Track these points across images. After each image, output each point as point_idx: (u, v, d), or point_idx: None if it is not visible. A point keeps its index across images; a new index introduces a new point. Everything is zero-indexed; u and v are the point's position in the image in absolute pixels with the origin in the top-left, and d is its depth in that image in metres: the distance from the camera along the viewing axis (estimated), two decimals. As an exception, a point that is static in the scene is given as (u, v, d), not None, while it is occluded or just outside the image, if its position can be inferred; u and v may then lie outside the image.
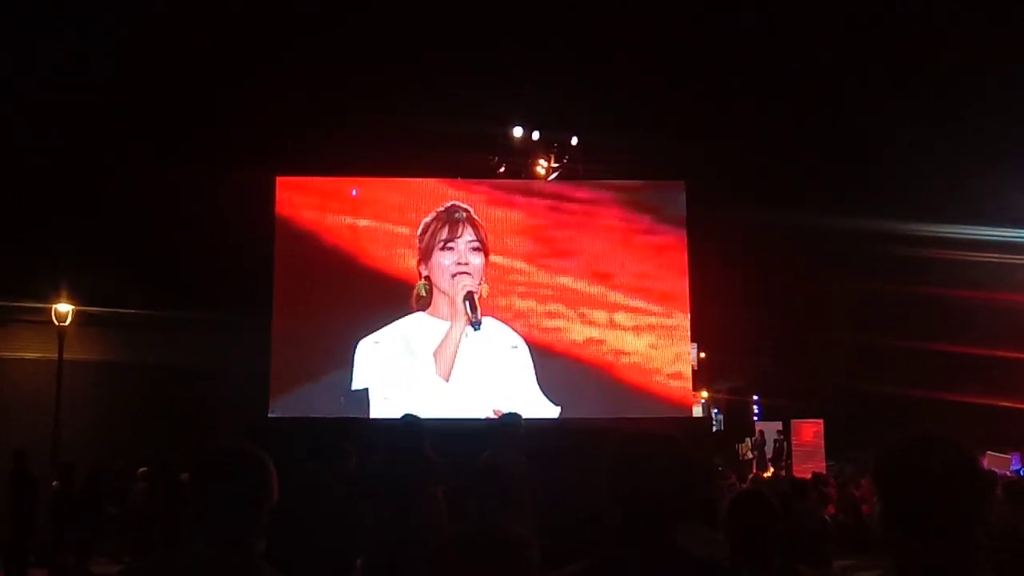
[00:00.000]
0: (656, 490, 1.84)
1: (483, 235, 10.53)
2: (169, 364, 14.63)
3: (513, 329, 10.55)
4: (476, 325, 10.14)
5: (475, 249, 10.42)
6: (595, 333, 10.71)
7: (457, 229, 10.47)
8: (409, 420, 5.80)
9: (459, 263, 10.30)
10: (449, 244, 10.40)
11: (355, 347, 10.50)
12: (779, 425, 21.71)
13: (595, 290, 10.85)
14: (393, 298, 10.71)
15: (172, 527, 10.43)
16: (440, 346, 10.31)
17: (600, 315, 10.77)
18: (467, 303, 10.12)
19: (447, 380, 10.21)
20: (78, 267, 14.03)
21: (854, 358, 21.46)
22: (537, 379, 10.44)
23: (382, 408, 10.28)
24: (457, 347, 10.27)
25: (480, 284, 10.41)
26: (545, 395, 10.43)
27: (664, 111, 17.48)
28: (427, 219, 10.59)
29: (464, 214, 10.55)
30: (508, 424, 6.19)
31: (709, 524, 3.52)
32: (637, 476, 1.85)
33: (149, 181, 15.00)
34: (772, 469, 20.07)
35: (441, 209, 10.61)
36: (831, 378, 21.21)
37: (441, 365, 10.29)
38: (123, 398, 14.52)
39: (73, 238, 14.34)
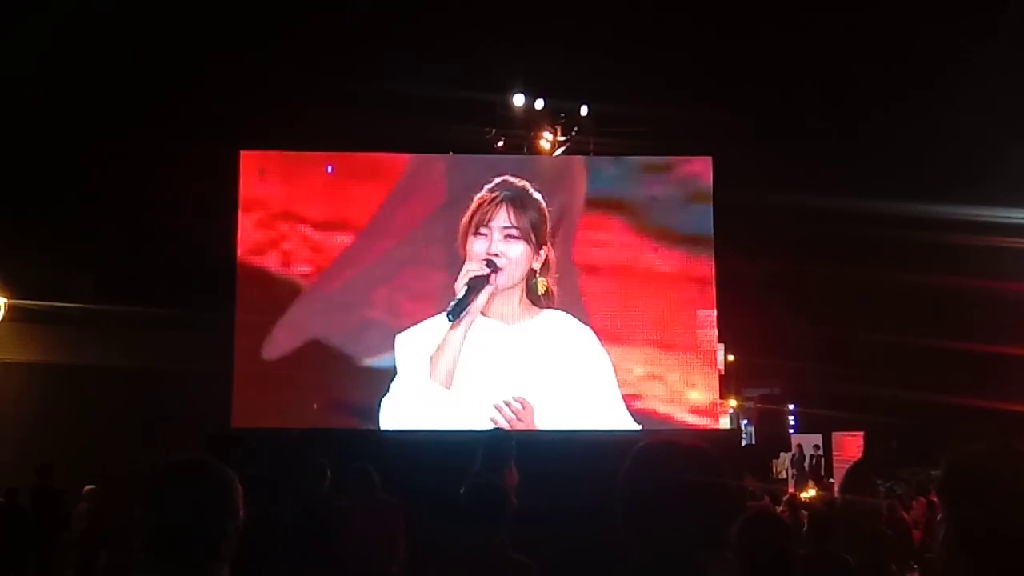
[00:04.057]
0: (680, 518, 1.79)
1: (535, 221, 10.14)
2: (118, 367, 14.63)
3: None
4: (450, 314, 9.74)
5: (511, 237, 10.05)
6: (605, 336, 10.71)
7: (491, 213, 10.12)
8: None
9: (489, 252, 9.97)
10: (481, 230, 10.08)
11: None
12: (817, 439, 21.75)
13: (603, 282, 10.85)
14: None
15: (121, 553, 10.47)
16: (439, 348, 10.09)
17: (610, 310, 10.77)
18: (466, 287, 9.74)
19: (448, 387, 10.10)
20: (12, 254, 14.03)
21: (906, 362, 21.46)
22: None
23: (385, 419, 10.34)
24: (459, 350, 10.04)
25: (526, 279, 10.10)
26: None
27: (688, 75, 17.43)
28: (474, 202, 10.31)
29: (509, 193, 10.21)
30: (493, 440, 6.25)
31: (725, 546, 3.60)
32: (656, 499, 1.80)
33: (94, 157, 14.99)
34: (815, 487, 20.13)
35: (489, 186, 10.33)
36: (879, 385, 21.20)
37: (438, 369, 10.14)
38: (63, 406, 14.52)
39: (6, 221, 14.34)
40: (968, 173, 18.01)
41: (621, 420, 10.37)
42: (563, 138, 15.13)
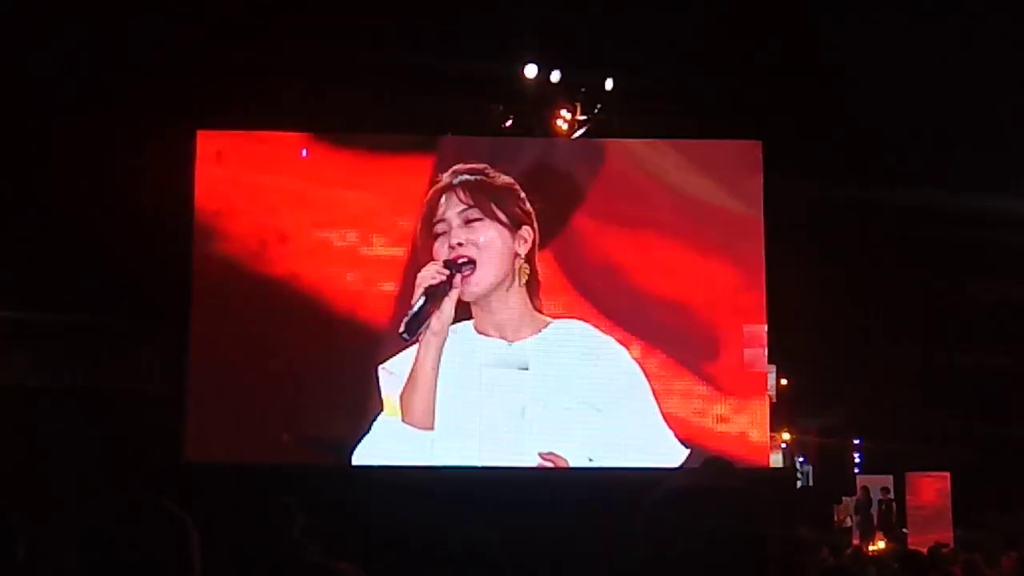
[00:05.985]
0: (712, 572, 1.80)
1: (500, 197, 10.29)
2: (43, 387, 14.66)
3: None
4: (404, 331, 9.78)
5: (473, 220, 10.19)
6: (633, 350, 10.73)
7: (441, 202, 10.26)
8: None
9: (450, 247, 10.09)
10: (437, 228, 10.20)
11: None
12: (888, 480, 21.74)
13: (632, 290, 10.88)
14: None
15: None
16: (408, 381, 10.11)
17: (639, 325, 10.79)
18: (423, 297, 9.76)
19: (430, 428, 10.07)
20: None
21: (995, 386, 21.41)
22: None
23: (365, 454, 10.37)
24: (433, 380, 10.04)
25: (516, 269, 10.21)
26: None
27: (736, 42, 17.43)
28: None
29: (460, 178, 10.35)
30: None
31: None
32: (682, 554, 1.81)
33: (13, 131, 15.00)
34: (885, 539, 20.13)
35: (438, 185, 10.44)
36: (963, 415, 21.15)
37: (411, 407, 10.12)
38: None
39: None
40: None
41: (670, 453, 10.36)
42: (583, 117, 15.12)
